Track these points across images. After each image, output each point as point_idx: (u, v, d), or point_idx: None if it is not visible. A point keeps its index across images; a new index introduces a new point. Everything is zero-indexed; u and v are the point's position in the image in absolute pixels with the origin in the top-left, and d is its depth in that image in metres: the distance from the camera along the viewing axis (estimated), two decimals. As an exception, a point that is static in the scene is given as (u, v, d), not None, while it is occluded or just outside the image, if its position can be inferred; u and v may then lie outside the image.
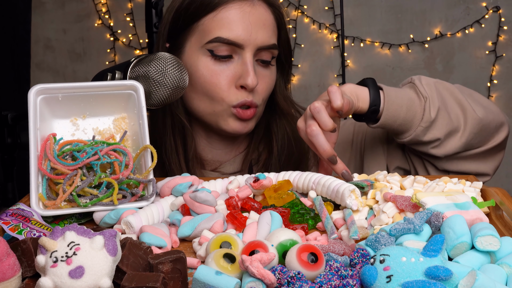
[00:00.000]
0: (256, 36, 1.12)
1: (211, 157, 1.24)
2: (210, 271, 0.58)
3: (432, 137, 1.05)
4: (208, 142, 1.23)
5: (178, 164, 1.18)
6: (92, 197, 0.80)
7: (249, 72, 1.11)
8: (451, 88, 1.08)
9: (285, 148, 1.22)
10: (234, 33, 1.11)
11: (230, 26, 1.11)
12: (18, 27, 2.38)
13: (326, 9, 2.76)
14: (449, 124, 1.05)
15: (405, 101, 1.04)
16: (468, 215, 0.70)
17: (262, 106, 1.19)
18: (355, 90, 1.03)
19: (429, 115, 1.03)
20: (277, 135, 1.23)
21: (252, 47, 1.12)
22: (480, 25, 2.71)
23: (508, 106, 2.77)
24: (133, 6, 2.86)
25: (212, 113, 1.16)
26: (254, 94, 1.14)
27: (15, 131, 1.09)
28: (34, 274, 0.62)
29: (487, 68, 2.75)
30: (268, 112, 1.24)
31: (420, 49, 2.75)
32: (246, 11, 1.12)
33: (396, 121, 1.04)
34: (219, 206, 0.81)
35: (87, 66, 2.93)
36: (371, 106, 1.02)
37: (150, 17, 1.58)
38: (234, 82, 1.13)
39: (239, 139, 1.25)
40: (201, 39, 1.14)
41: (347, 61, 2.78)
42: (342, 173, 0.95)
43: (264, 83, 1.16)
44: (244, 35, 1.11)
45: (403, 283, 0.55)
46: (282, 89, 1.24)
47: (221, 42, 1.11)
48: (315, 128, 0.95)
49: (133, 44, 2.88)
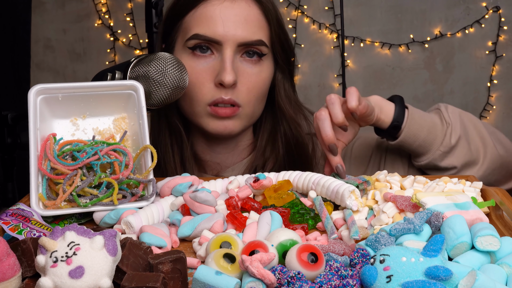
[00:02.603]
0: (235, 31, 1.09)
1: (209, 159, 1.21)
2: (210, 271, 0.58)
3: (449, 164, 1.04)
4: (207, 145, 1.20)
5: (173, 164, 1.16)
6: (92, 197, 0.80)
7: (226, 68, 1.07)
8: (475, 121, 1.08)
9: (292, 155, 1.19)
10: (211, 29, 1.08)
11: (208, 23, 1.09)
12: (18, 27, 2.38)
13: (326, 9, 2.76)
14: (467, 154, 1.04)
15: (428, 123, 1.04)
16: (468, 215, 0.70)
17: (251, 107, 1.14)
18: (380, 102, 1.03)
19: (449, 140, 1.03)
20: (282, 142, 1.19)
21: (231, 43, 1.09)
22: (480, 25, 2.71)
23: (508, 106, 2.77)
24: (133, 6, 2.86)
25: (193, 114, 1.13)
26: (235, 93, 1.10)
27: (15, 131, 1.09)
28: (34, 274, 0.62)
29: (487, 68, 2.75)
30: (272, 117, 1.20)
31: (420, 49, 2.75)
32: (225, 6, 1.10)
33: (415, 141, 1.04)
34: (219, 206, 0.81)
35: (87, 66, 2.93)
36: (393, 122, 1.03)
37: (150, 17, 1.58)
38: (213, 79, 1.10)
39: (241, 144, 1.21)
40: (183, 37, 1.12)
41: (347, 61, 2.78)
42: (336, 166, 0.95)
43: (250, 81, 1.12)
44: (221, 31, 1.08)
45: (403, 283, 0.55)
46: (286, 92, 1.20)
47: (199, 39, 1.09)
48: (324, 113, 0.95)
49: (133, 44, 2.88)
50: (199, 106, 1.11)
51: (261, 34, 1.12)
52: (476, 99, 2.76)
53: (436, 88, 2.74)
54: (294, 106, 1.20)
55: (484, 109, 2.75)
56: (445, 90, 2.76)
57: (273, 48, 1.17)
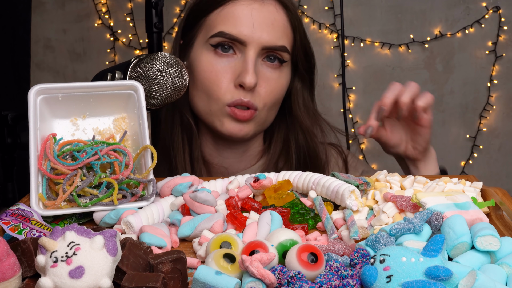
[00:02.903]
0: (261, 34, 1.08)
1: (217, 162, 1.19)
2: (210, 271, 0.58)
3: None
4: (215, 147, 1.18)
5: (183, 163, 1.15)
6: (92, 197, 0.80)
7: (248, 70, 1.06)
8: None
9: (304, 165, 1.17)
10: (238, 29, 1.07)
11: (235, 22, 1.08)
12: (18, 27, 2.38)
13: (326, 9, 2.76)
14: None
15: None
16: (468, 215, 0.70)
17: (265, 111, 1.12)
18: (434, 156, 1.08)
19: None
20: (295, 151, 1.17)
21: (255, 45, 1.08)
22: (480, 25, 2.71)
23: (508, 106, 2.77)
24: (133, 6, 2.86)
25: (208, 113, 1.12)
26: (254, 96, 1.09)
27: (15, 131, 1.09)
28: (34, 274, 0.62)
29: (487, 68, 2.75)
30: (286, 126, 1.19)
31: (420, 49, 2.75)
32: (253, 8, 1.09)
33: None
34: (219, 206, 0.81)
35: (87, 66, 2.92)
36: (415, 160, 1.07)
37: (150, 17, 1.58)
38: (233, 80, 1.09)
39: (251, 150, 1.20)
40: (206, 34, 1.11)
41: (347, 61, 2.78)
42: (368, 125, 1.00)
43: (268, 85, 1.11)
44: (247, 31, 1.07)
45: (403, 283, 0.55)
46: (304, 101, 1.18)
47: (223, 37, 1.08)
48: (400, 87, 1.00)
49: (133, 44, 2.88)
50: (217, 105, 1.10)
51: (285, 40, 1.12)
52: (476, 99, 2.76)
53: (436, 88, 2.74)
54: (311, 116, 1.19)
55: (484, 109, 2.75)
56: (445, 90, 2.75)
57: (294, 56, 1.15)
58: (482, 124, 2.76)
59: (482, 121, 2.76)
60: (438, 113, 2.70)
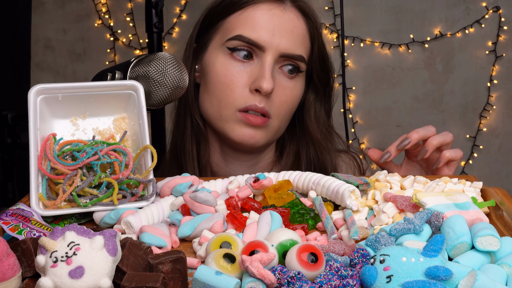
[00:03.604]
0: (280, 41, 1.05)
1: (224, 174, 1.16)
2: (210, 271, 0.58)
3: None
4: (223, 157, 1.15)
5: (192, 169, 1.12)
6: (92, 197, 0.80)
7: (265, 75, 1.03)
8: None
9: None
10: (257, 33, 1.05)
11: (254, 26, 1.05)
12: (18, 27, 2.37)
13: (326, 9, 2.76)
14: None
15: None
16: (468, 215, 0.70)
17: (278, 121, 1.09)
18: None
19: None
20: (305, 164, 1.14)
21: (274, 51, 1.05)
22: (480, 25, 2.71)
23: (508, 106, 2.77)
24: (133, 6, 2.86)
25: (218, 118, 1.09)
26: (269, 103, 1.06)
27: (15, 131, 1.09)
28: (34, 274, 0.62)
29: (487, 68, 2.75)
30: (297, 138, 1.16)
31: (420, 49, 2.75)
32: (274, 14, 1.06)
33: None
34: (219, 206, 0.81)
35: (87, 66, 2.92)
36: None
37: (150, 17, 1.58)
38: (248, 84, 1.06)
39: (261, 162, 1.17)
40: (223, 37, 1.08)
41: (347, 61, 2.78)
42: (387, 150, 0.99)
43: (284, 94, 1.08)
44: (266, 37, 1.05)
45: (403, 283, 0.54)
46: (316, 113, 1.15)
47: (241, 40, 1.05)
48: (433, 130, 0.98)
49: (133, 44, 2.88)
50: (228, 110, 1.07)
51: (303, 50, 1.09)
52: (476, 99, 2.76)
53: (436, 88, 2.74)
54: (322, 130, 1.16)
55: (484, 109, 2.75)
56: (445, 90, 2.76)
57: (310, 66, 1.13)
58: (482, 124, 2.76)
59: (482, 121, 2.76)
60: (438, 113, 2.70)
